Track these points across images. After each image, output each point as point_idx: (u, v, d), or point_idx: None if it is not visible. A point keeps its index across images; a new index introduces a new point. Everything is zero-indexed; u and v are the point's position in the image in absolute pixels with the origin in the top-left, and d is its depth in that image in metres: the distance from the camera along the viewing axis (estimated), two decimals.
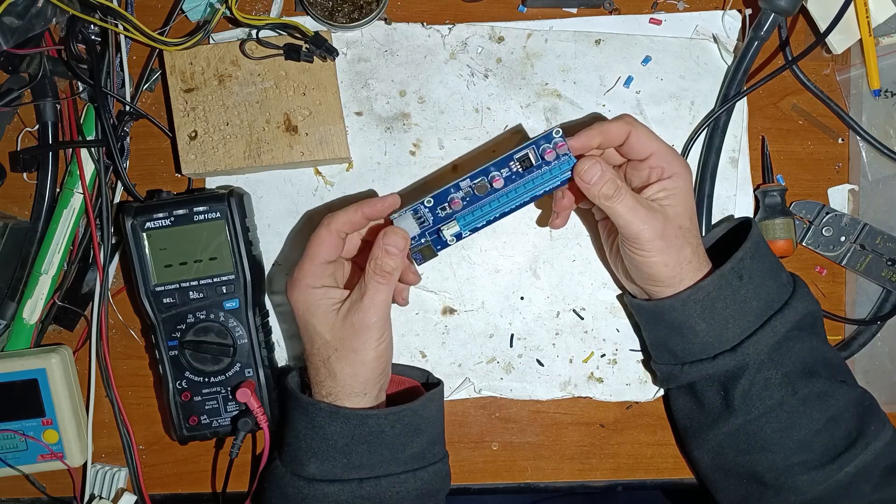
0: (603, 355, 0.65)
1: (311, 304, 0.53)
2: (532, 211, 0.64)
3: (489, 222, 0.55)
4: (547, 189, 0.54)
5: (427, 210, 0.54)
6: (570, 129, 0.57)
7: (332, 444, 0.53)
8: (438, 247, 0.55)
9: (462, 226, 0.54)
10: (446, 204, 0.54)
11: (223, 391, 0.59)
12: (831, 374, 0.56)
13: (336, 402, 0.53)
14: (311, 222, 0.64)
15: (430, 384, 0.61)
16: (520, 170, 0.54)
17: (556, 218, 0.59)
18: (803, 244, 0.64)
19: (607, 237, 0.62)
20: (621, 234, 0.54)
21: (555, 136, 0.53)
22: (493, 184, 0.53)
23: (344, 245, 0.55)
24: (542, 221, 0.64)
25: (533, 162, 0.53)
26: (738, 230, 0.59)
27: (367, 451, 0.53)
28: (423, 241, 0.55)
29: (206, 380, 0.59)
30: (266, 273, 0.63)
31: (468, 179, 0.54)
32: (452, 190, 0.54)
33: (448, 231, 0.54)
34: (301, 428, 0.54)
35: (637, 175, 0.56)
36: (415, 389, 0.60)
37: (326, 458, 0.53)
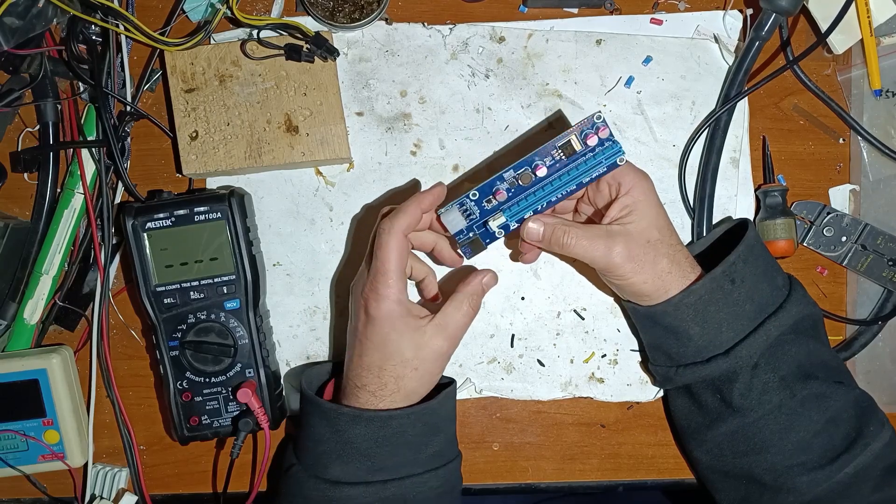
0: (604, 355, 0.65)
1: (397, 321, 0.52)
2: None
3: (535, 211, 0.54)
4: (593, 176, 0.53)
5: (473, 203, 0.54)
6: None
7: (356, 447, 0.53)
8: (487, 240, 0.55)
9: (508, 216, 0.54)
10: (491, 196, 0.54)
11: (224, 391, 0.59)
12: (828, 376, 0.56)
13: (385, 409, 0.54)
14: (315, 225, 0.64)
15: (440, 384, 0.61)
16: (563, 157, 0.53)
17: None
18: (804, 244, 0.64)
19: None
20: (595, 268, 0.55)
21: (597, 121, 0.53)
22: (537, 172, 0.53)
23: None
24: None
25: (576, 149, 0.53)
26: (738, 231, 0.59)
27: (390, 452, 0.53)
28: (470, 234, 0.55)
29: (207, 380, 0.59)
30: (267, 273, 0.63)
31: (511, 170, 0.53)
32: (497, 182, 0.54)
33: (495, 223, 0.54)
34: (322, 432, 0.54)
35: (599, 195, 0.57)
36: None
37: (350, 460, 0.53)
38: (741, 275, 0.55)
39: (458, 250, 0.56)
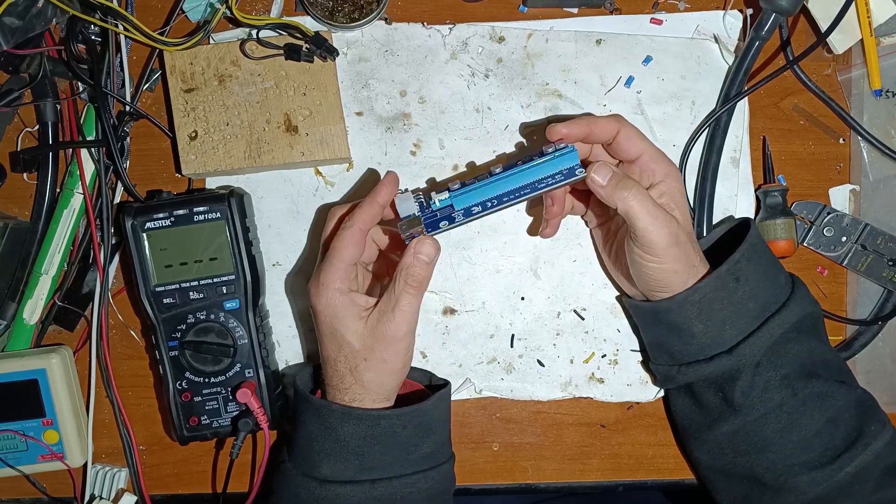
0: (604, 356, 0.65)
1: (338, 311, 0.52)
2: (528, 216, 0.64)
3: (484, 207, 0.53)
4: (550, 184, 0.53)
5: (426, 192, 0.54)
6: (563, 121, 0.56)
7: (345, 445, 0.53)
8: (430, 229, 0.52)
9: (452, 197, 0.52)
10: (444, 188, 0.53)
11: (223, 391, 0.59)
12: (830, 375, 0.56)
13: (360, 407, 0.53)
14: (315, 224, 0.64)
15: (434, 385, 0.61)
16: (519, 161, 0.53)
17: (546, 227, 0.59)
18: (804, 244, 0.64)
19: (604, 244, 0.62)
20: (635, 241, 0.53)
21: (560, 146, 0.53)
22: (492, 167, 0.53)
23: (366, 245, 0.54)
24: (532, 230, 0.64)
25: (532, 154, 0.53)
26: (738, 231, 0.59)
27: (380, 452, 0.53)
28: (414, 214, 0.53)
29: (207, 380, 0.59)
30: (266, 273, 0.63)
31: (473, 179, 0.54)
32: (451, 179, 0.53)
33: (437, 197, 0.52)
34: (313, 429, 0.54)
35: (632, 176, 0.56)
36: (419, 392, 0.60)
37: (339, 459, 0.53)
38: (745, 273, 0.55)
39: (402, 236, 0.53)
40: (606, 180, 0.52)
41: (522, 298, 0.65)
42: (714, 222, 0.63)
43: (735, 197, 0.64)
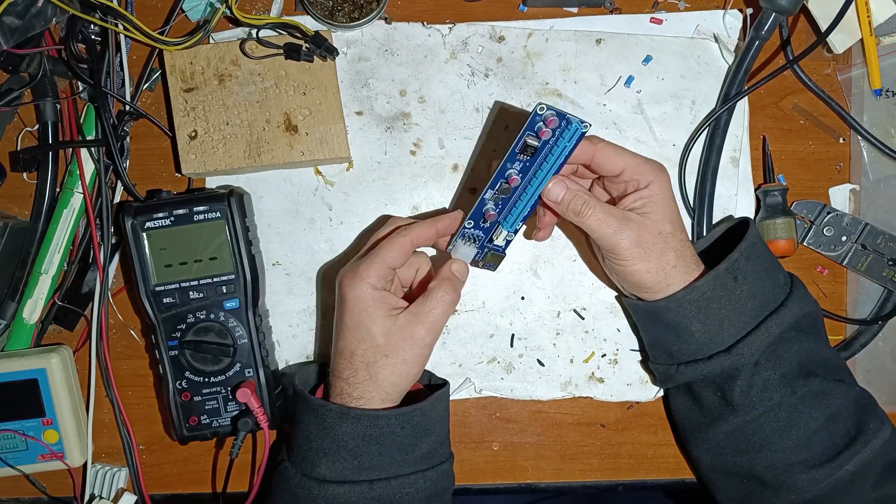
0: (604, 355, 0.65)
1: (368, 304, 0.53)
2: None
3: (527, 216, 0.56)
4: (566, 157, 0.54)
5: (472, 230, 0.56)
6: None
7: (343, 445, 0.53)
8: (500, 251, 0.58)
9: (507, 227, 0.56)
10: (483, 218, 0.55)
11: (223, 391, 0.59)
12: (829, 374, 0.56)
13: (367, 405, 0.53)
14: (314, 224, 0.64)
15: (434, 385, 0.61)
16: (528, 158, 0.53)
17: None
18: (804, 244, 0.64)
19: (598, 248, 0.62)
20: (601, 247, 0.55)
21: (540, 112, 0.52)
22: (511, 183, 0.54)
23: (410, 256, 0.55)
24: (527, 235, 0.64)
25: (536, 145, 0.53)
26: (737, 230, 0.59)
27: (378, 452, 0.53)
28: (486, 253, 0.57)
29: (206, 380, 0.59)
30: (266, 273, 0.63)
31: (489, 190, 0.54)
32: (482, 205, 0.55)
33: (498, 238, 0.56)
34: (311, 429, 0.54)
35: (615, 188, 0.57)
36: (418, 391, 0.60)
37: (337, 459, 0.53)
38: (744, 272, 0.55)
39: (483, 268, 0.59)
40: (561, 198, 0.54)
41: (522, 298, 0.65)
42: (714, 222, 0.63)
43: (735, 196, 0.64)
